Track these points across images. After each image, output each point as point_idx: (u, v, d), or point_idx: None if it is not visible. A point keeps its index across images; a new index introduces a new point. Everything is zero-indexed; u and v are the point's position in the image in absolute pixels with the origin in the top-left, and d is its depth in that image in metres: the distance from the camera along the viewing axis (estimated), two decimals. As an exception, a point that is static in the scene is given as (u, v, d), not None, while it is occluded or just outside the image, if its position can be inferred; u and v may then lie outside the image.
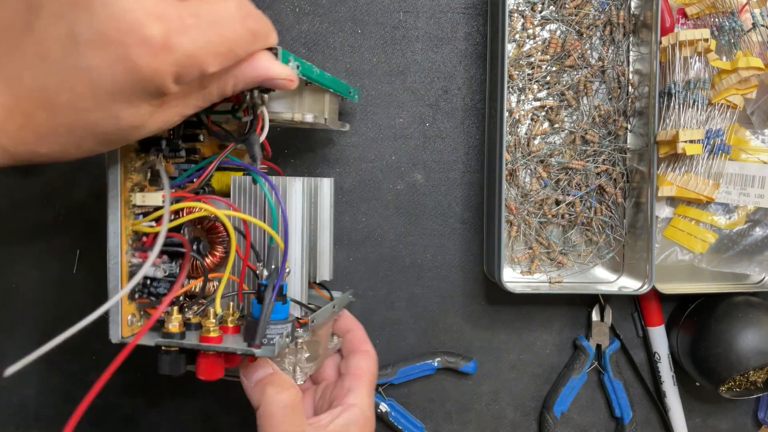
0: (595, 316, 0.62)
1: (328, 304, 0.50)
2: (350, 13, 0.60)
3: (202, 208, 0.43)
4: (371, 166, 0.61)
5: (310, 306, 0.48)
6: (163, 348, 0.41)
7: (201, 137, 0.46)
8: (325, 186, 0.50)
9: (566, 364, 0.63)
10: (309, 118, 0.50)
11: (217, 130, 0.43)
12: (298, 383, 0.46)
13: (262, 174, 0.44)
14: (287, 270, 0.43)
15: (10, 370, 0.31)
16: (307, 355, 0.49)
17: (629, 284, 0.59)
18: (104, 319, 0.60)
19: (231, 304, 0.43)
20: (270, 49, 0.38)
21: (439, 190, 0.61)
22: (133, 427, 0.61)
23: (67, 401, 0.60)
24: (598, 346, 0.62)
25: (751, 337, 0.57)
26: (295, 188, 0.45)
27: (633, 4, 0.60)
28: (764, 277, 0.62)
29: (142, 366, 0.61)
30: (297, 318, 0.44)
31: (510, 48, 0.59)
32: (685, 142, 0.54)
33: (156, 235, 0.42)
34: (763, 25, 0.57)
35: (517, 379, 0.63)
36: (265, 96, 0.42)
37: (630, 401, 0.62)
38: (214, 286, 0.46)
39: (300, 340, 0.45)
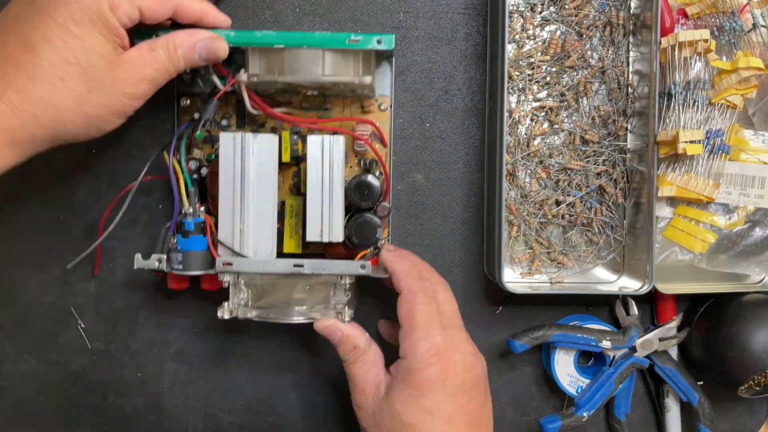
0: (619, 312, 0.61)
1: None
2: (350, 13, 0.60)
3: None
4: (371, 167, 0.61)
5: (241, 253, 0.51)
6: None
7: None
8: (340, 143, 0.51)
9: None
10: (367, 80, 0.51)
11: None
12: (346, 320, 0.51)
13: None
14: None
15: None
16: (348, 296, 0.52)
17: (629, 284, 0.59)
18: (103, 320, 0.60)
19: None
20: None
21: (439, 190, 0.61)
22: (133, 427, 0.61)
23: (67, 401, 0.60)
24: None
25: (763, 337, 0.56)
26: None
27: (633, 5, 0.60)
28: (764, 278, 0.62)
29: (141, 366, 0.61)
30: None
31: (510, 48, 0.59)
32: (686, 142, 0.54)
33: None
34: (763, 26, 0.57)
35: (517, 379, 0.63)
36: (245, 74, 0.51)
37: (691, 383, 0.60)
38: None
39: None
